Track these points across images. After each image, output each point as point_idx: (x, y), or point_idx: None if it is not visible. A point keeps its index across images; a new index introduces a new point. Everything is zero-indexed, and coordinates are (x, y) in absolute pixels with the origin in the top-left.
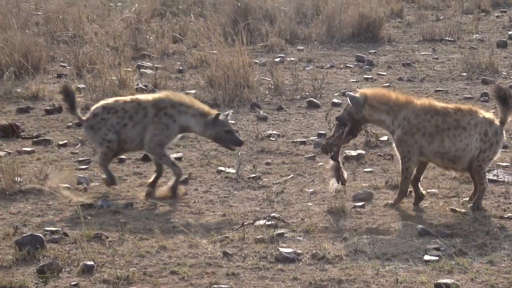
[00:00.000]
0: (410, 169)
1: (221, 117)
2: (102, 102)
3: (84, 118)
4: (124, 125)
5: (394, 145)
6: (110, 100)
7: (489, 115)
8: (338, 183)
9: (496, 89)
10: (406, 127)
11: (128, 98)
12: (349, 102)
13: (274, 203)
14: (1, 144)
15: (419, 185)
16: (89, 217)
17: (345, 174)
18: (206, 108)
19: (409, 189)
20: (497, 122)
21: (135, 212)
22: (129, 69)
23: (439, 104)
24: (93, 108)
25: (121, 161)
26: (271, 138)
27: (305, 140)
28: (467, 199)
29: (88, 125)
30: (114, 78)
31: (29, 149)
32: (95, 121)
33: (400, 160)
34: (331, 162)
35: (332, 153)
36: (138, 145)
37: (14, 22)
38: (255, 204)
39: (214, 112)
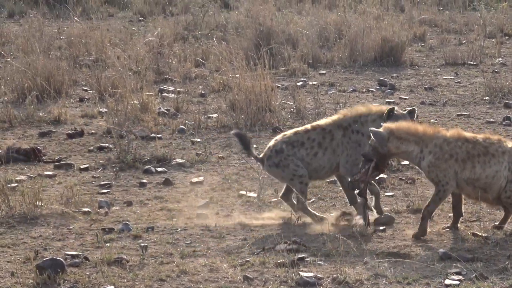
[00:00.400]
0: (447, 192)
1: (395, 111)
2: (279, 137)
3: (260, 156)
4: (315, 155)
5: (425, 174)
6: (288, 133)
7: None
8: (364, 221)
9: None
10: (438, 153)
11: (307, 126)
12: (373, 138)
13: (295, 227)
14: (23, 168)
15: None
16: (109, 241)
17: (371, 215)
18: (383, 107)
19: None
20: None
21: (156, 236)
22: (151, 93)
23: (468, 133)
24: (271, 145)
25: (142, 185)
26: None
27: None
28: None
29: (272, 163)
30: (136, 102)
31: (50, 173)
32: (280, 158)
33: (435, 186)
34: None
35: (359, 190)
36: (327, 172)
37: (37, 46)
38: (276, 228)
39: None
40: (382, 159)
